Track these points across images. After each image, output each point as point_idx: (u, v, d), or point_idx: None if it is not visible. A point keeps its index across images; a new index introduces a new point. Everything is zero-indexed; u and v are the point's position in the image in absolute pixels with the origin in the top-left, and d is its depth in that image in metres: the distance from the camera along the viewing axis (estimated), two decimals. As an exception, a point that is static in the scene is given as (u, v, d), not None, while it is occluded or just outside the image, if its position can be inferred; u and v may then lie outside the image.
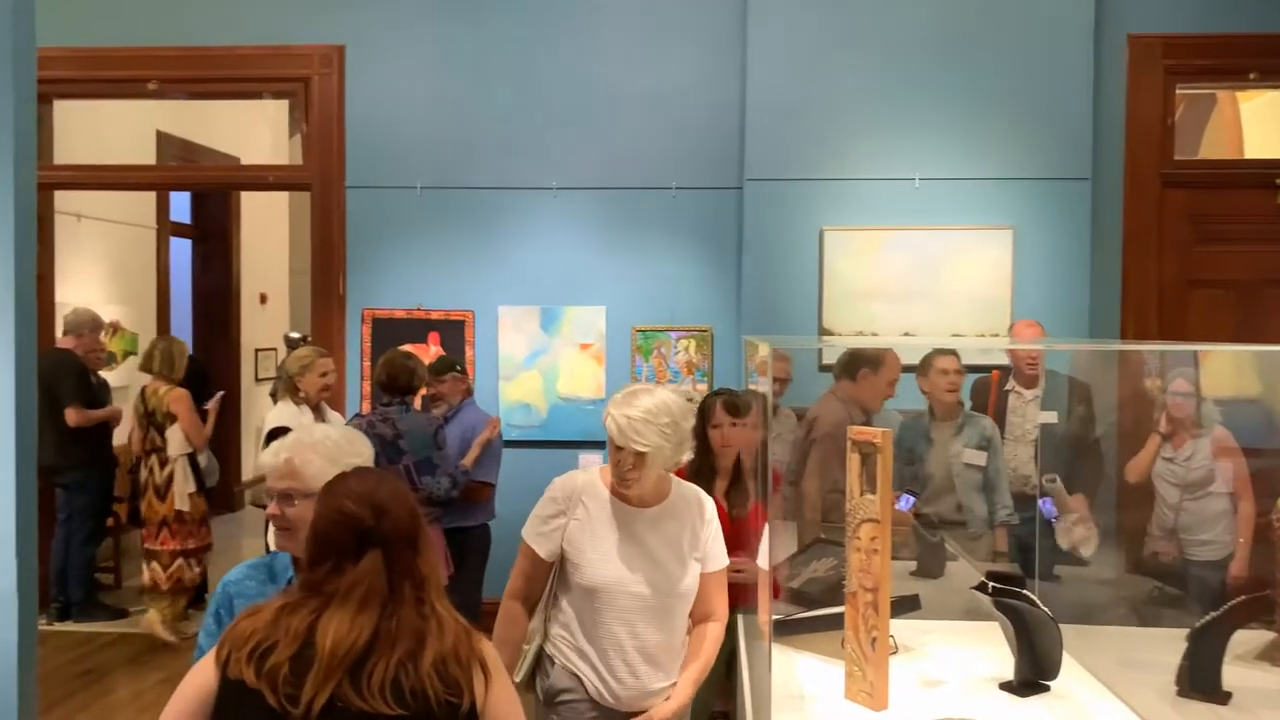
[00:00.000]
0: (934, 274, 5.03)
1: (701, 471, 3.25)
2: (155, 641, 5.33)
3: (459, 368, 4.75)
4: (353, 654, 1.52)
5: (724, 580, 2.55)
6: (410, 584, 1.60)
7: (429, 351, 5.34)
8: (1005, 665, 2.59)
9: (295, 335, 7.81)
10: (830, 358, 4.65)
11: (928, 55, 5.09)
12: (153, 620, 5.31)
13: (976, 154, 5.10)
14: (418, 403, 4.51)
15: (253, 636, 1.56)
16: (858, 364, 3.90)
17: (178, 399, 5.29)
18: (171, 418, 5.28)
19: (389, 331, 5.44)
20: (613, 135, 5.39)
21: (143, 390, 5.41)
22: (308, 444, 1.98)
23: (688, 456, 2.43)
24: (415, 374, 4.36)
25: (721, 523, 2.80)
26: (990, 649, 2.73)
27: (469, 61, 5.43)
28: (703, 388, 5.31)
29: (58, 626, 5.51)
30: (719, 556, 2.53)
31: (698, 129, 5.37)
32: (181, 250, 8.45)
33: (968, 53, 5.08)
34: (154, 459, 5.32)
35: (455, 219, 5.47)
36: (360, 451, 2.03)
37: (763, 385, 2.77)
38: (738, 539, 3.03)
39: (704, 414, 3.37)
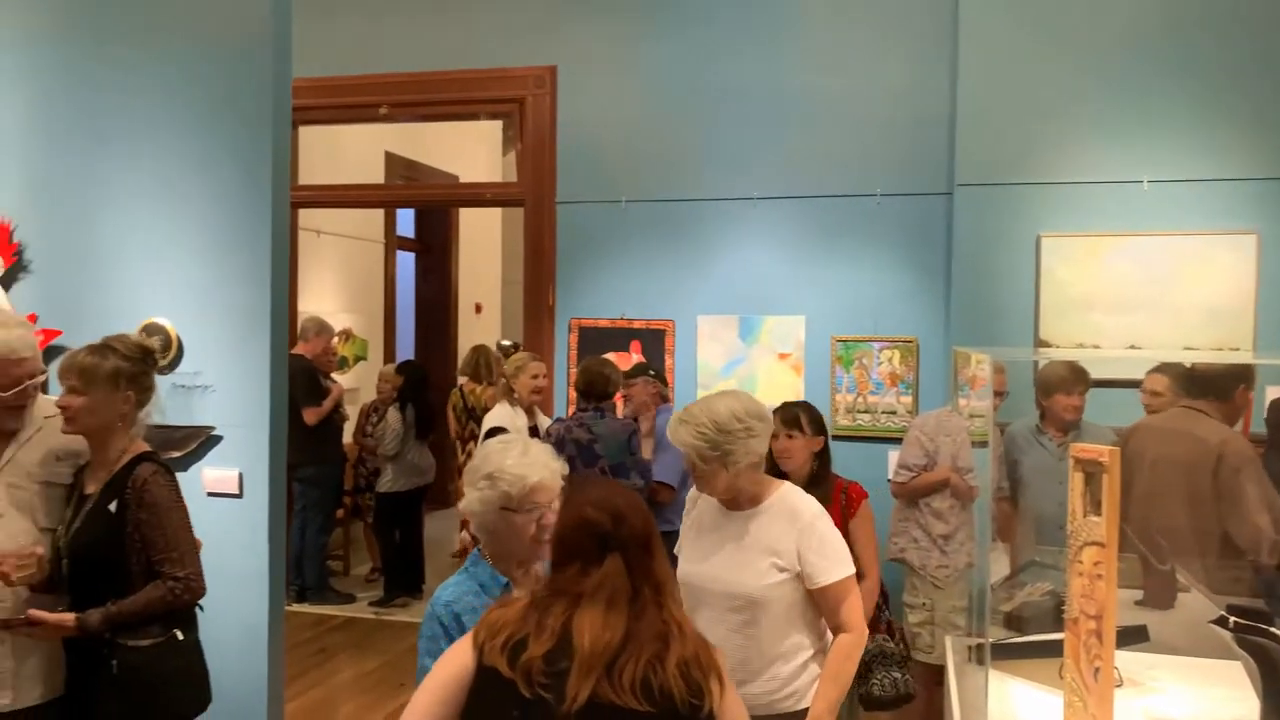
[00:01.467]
0: (1164, 283, 4.68)
1: None
2: (382, 624, 5.75)
3: (652, 372, 4.85)
4: (609, 651, 1.60)
5: (847, 592, 2.45)
6: (649, 587, 1.69)
7: (630, 360, 5.48)
8: (1246, 708, 2.37)
9: (506, 343, 8.21)
10: (1045, 371, 4.41)
11: (1156, 46, 4.75)
12: None
13: (1214, 153, 4.71)
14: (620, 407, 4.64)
15: (505, 628, 1.66)
16: (1234, 381, 3.58)
17: (494, 396, 5.88)
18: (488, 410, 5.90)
19: (594, 340, 5.62)
20: (814, 143, 5.35)
21: (460, 389, 6.18)
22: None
23: (747, 459, 2.40)
24: (611, 380, 4.50)
25: None
26: (1228, 689, 2.51)
27: (672, 76, 5.54)
28: (907, 400, 5.17)
29: (294, 608, 6.03)
30: (829, 569, 2.43)
31: (903, 134, 5.24)
32: (406, 263, 9.06)
33: (1202, 42, 4.70)
34: (473, 444, 5.97)
35: (657, 231, 5.58)
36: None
37: (976, 399, 2.67)
38: None
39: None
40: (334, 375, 6.63)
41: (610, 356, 5.08)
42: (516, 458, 2.04)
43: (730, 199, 5.45)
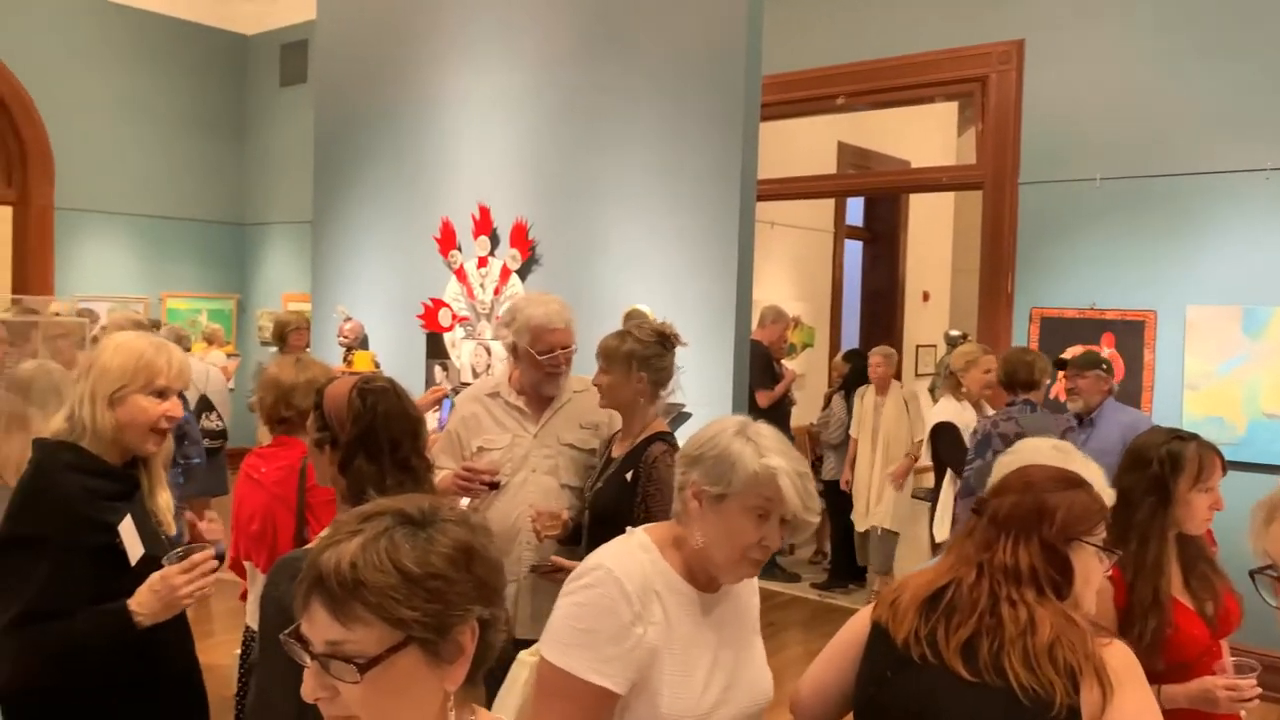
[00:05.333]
0: None
1: (1147, 557, 2.16)
2: (826, 607, 5.88)
3: (1104, 366, 4.41)
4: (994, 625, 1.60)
5: None
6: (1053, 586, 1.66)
7: (1102, 354, 5.01)
8: None
9: (955, 333, 7.92)
10: None
11: None
12: None
13: None
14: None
15: (904, 590, 1.71)
16: None
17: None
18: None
19: (1057, 331, 5.22)
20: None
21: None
22: None
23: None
24: (1034, 369, 4.19)
25: (1194, 630, 2.13)
26: None
27: (1160, 37, 4.94)
28: None
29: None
30: None
31: None
32: (853, 251, 9.11)
33: None
34: None
35: (1138, 211, 5.03)
36: None
37: None
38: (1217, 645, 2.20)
39: (1170, 470, 2.19)
40: (784, 361, 6.87)
41: (1077, 349, 4.69)
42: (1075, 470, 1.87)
43: (1232, 172, 4.74)
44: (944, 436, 4.79)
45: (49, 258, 8.30)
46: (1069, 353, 4.94)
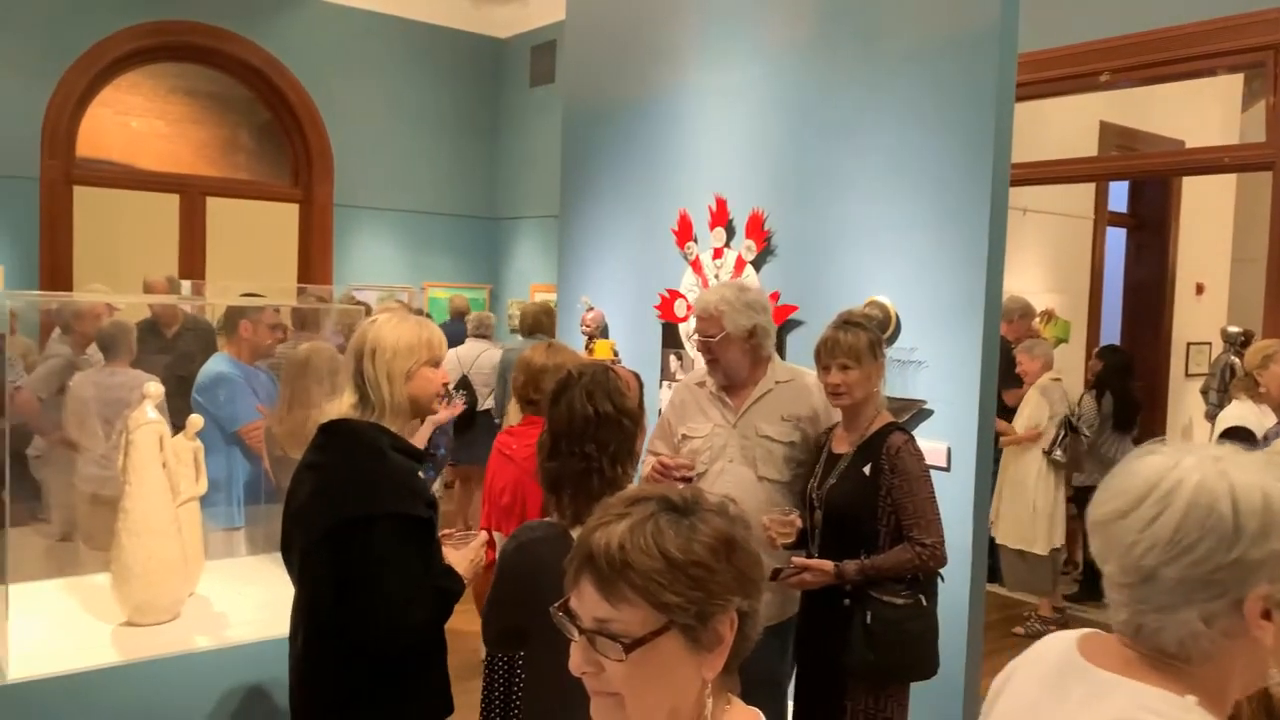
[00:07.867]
0: None
1: None
2: (1074, 619, 5.48)
3: None
4: None
5: None
6: None
7: None
8: None
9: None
10: None
11: None
12: None
13: None
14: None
15: None
16: None
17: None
18: None
19: (1364, 329, 4.59)
20: None
21: None
22: None
23: None
24: None
25: None
26: None
27: None
28: None
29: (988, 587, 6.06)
30: None
31: None
32: (1115, 239, 8.42)
33: None
34: None
35: None
36: None
37: None
38: None
39: None
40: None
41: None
42: None
43: None
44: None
45: (329, 250, 9.17)
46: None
